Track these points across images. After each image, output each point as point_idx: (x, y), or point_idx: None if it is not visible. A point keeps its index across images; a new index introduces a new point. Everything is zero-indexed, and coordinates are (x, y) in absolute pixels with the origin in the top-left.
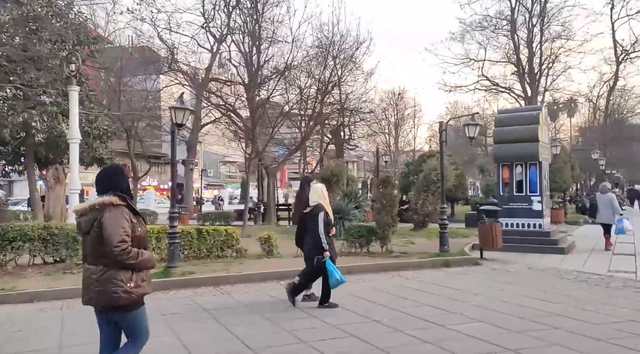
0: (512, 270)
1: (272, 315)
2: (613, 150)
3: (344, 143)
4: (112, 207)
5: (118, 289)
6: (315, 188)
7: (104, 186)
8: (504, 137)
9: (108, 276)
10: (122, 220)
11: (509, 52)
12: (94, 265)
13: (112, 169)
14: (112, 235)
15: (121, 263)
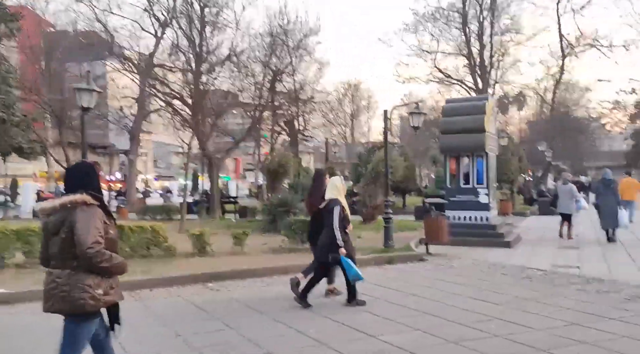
0: (457, 265)
1: (185, 328)
2: (559, 142)
3: (298, 134)
4: (85, 206)
5: (85, 295)
6: (333, 182)
7: (75, 184)
8: (450, 127)
9: (75, 280)
10: (96, 221)
11: (460, 44)
12: (59, 269)
13: (83, 166)
14: (86, 235)
15: (94, 266)
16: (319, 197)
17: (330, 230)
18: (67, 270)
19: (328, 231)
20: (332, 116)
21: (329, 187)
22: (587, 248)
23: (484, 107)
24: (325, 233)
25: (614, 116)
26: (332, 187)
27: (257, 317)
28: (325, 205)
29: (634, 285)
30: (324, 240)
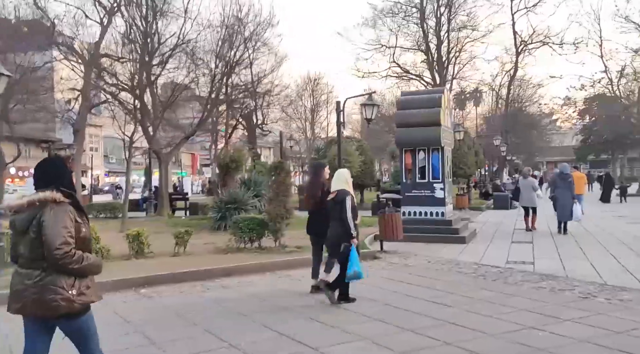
0: (412, 264)
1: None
2: (513, 137)
3: (256, 128)
4: (55, 204)
5: (57, 297)
6: (340, 174)
7: (44, 180)
8: (406, 120)
9: (47, 282)
10: (66, 220)
11: (419, 40)
12: (29, 269)
13: (53, 161)
14: (53, 236)
15: (62, 268)
16: (319, 189)
17: (343, 220)
18: (37, 270)
19: (341, 222)
20: (291, 110)
21: (336, 179)
22: (540, 242)
23: (440, 100)
24: (335, 225)
25: (564, 112)
26: (340, 178)
27: (186, 329)
28: (335, 196)
29: (588, 281)
30: (335, 231)
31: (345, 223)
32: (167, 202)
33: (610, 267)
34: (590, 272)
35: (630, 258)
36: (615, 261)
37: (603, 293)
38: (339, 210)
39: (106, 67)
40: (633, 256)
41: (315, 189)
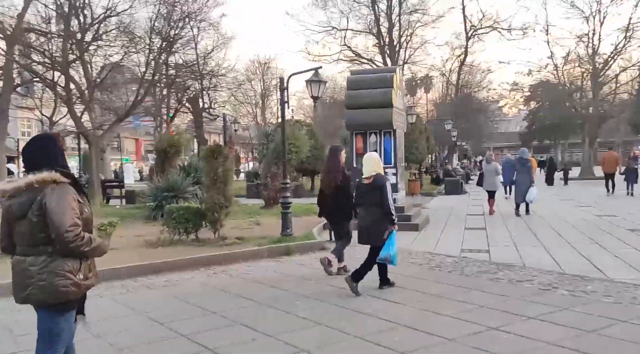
0: (362, 255)
1: None
2: (462, 122)
3: (203, 112)
4: (55, 185)
5: (67, 282)
6: (372, 158)
7: (37, 161)
8: (356, 101)
9: (54, 267)
10: (70, 200)
11: (370, 23)
12: (31, 255)
13: (45, 139)
14: (61, 218)
15: (72, 251)
16: (340, 173)
17: (385, 205)
18: (42, 256)
19: (381, 207)
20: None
21: (369, 162)
22: (494, 228)
23: (392, 80)
24: (372, 210)
25: (512, 97)
26: (372, 162)
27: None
28: (371, 180)
29: (546, 270)
30: (373, 216)
31: (388, 208)
32: (100, 190)
33: (566, 254)
34: (547, 260)
35: (584, 244)
36: (570, 247)
37: (564, 284)
38: (377, 195)
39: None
40: (587, 241)
41: (335, 173)
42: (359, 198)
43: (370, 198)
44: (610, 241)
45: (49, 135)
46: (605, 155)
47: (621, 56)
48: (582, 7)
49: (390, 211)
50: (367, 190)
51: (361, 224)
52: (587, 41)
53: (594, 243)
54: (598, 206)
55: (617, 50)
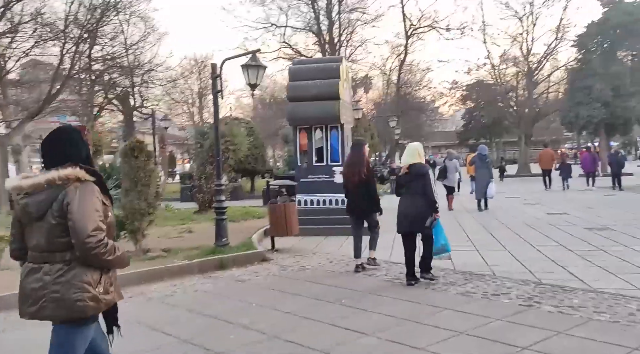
0: (310, 265)
1: None
2: (403, 121)
3: (134, 111)
4: (79, 184)
5: (84, 295)
6: (413, 147)
7: (58, 155)
8: (299, 93)
9: (71, 277)
10: (95, 201)
11: (310, 20)
12: (46, 262)
13: (68, 131)
14: (84, 221)
15: (93, 259)
16: (365, 166)
17: (427, 193)
18: (59, 264)
19: (425, 196)
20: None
21: (409, 153)
22: (449, 228)
23: (338, 70)
24: (415, 199)
25: (452, 95)
26: (413, 152)
27: None
28: (415, 170)
29: (520, 279)
30: (416, 205)
31: (431, 197)
32: (6, 197)
33: (532, 257)
34: (516, 265)
35: (549, 246)
36: (535, 250)
37: (545, 297)
38: (420, 184)
39: None
40: (550, 243)
41: (360, 166)
42: (400, 188)
43: (413, 187)
44: (574, 242)
45: (73, 127)
46: (541, 152)
47: (553, 56)
48: (516, 8)
49: (434, 199)
50: (408, 180)
51: (405, 213)
52: (522, 41)
53: (558, 245)
54: (544, 203)
55: (549, 50)
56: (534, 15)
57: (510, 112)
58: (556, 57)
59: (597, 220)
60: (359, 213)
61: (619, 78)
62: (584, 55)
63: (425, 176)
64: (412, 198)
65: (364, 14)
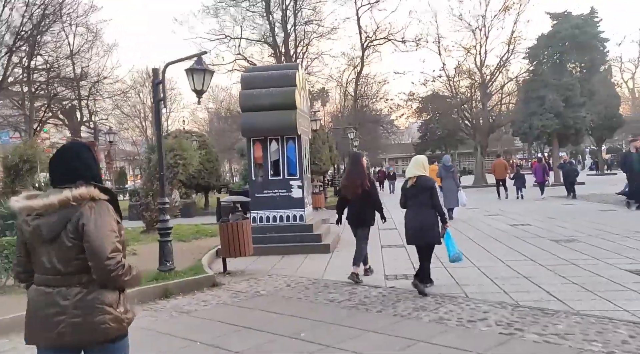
0: (265, 290)
1: None
2: (360, 133)
3: (81, 126)
4: (93, 203)
5: (106, 317)
6: (419, 160)
7: (71, 173)
8: (253, 102)
9: (91, 300)
10: (111, 221)
11: (266, 32)
12: (61, 286)
13: (79, 147)
14: (102, 242)
15: (112, 282)
16: (366, 178)
17: (435, 206)
18: (76, 287)
19: (433, 208)
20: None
21: (415, 164)
22: None
23: (294, 78)
24: (423, 211)
25: (410, 106)
26: (419, 165)
27: None
28: (421, 183)
29: (494, 302)
30: (424, 217)
31: (439, 209)
32: None
33: (503, 274)
34: (487, 284)
35: (519, 261)
36: (505, 265)
37: (527, 322)
38: (427, 196)
39: None
40: (519, 257)
41: (361, 178)
42: (406, 201)
43: (420, 199)
44: (543, 256)
45: (83, 143)
46: (495, 162)
47: (506, 68)
48: (469, 21)
49: (443, 211)
50: (415, 193)
51: (413, 225)
52: (475, 53)
53: (527, 259)
54: (505, 214)
55: (502, 62)
56: (487, 27)
57: (466, 124)
58: (509, 69)
59: (561, 231)
60: (359, 223)
61: (569, 89)
62: (535, 67)
63: (432, 189)
64: (419, 211)
65: (320, 26)
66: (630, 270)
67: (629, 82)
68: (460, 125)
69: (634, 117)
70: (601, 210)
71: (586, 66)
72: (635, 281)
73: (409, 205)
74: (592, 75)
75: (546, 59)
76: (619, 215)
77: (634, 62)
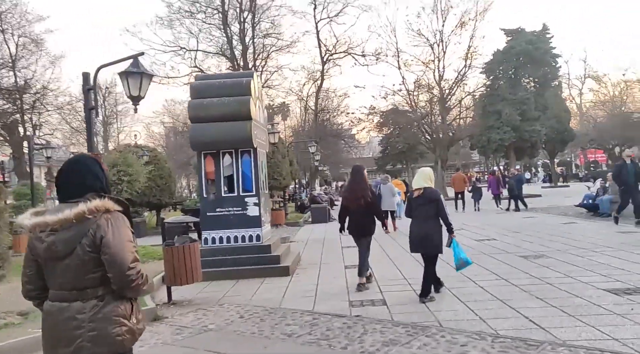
0: (214, 324)
1: None
2: (322, 147)
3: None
4: (109, 215)
5: (122, 328)
6: (426, 172)
7: (80, 186)
8: (203, 112)
9: (107, 312)
10: (128, 232)
11: (223, 45)
12: (77, 300)
13: (86, 161)
14: (122, 254)
15: (131, 292)
16: (369, 190)
17: (442, 216)
18: (92, 300)
19: (439, 219)
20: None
21: (421, 177)
22: (377, 262)
23: (249, 86)
24: (429, 222)
25: (371, 121)
26: (426, 177)
27: None
28: (427, 195)
29: (472, 332)
30: (431, 228)
31: (446, 219)
32: None
33: (477, 297)
34: (462, 310)
35: (490, 281)
36: (474, 284)
37: None
38: (432, 208)
39: None
40: (490, 277)
41: (363, 190)
42: (411, 211)
43: (426, 211)
44: (515, 275)
45: (90, 156)
46: (454, 176)
47: (464, 82)
48: (427, 35)
49: (449, 221)
50: (420, 203)
51: (418, 235)
52: (434, 68)
53: (499, 278)
54: (468, 228)
55: (460, 77)
56: (444, 43)
57: (426, 137)
58: (467, 83)
59: (528, 246)
60: (360, 233)
61: (525, 103)
62: (492, 81)
63: (438, 201)
64: (424, 221)
65: (279, 39)
66: (607, 290)
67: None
68: (421, 139)
69: (582, 131)
70: (563, 223)
71: (540, 81)
72: (616, 303)
73: (414, 215)
74: (545, 89)
75: (502, 74)
76: (581, 227)
77: (581, 79)
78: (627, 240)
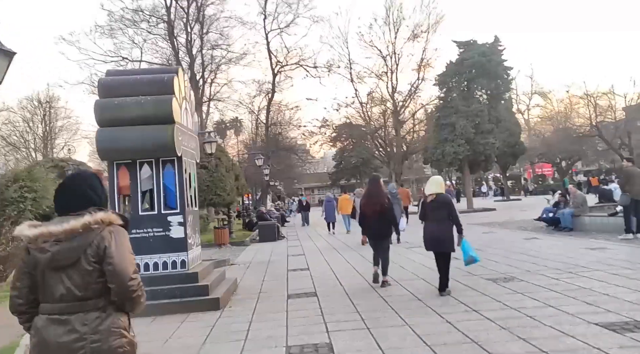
0: None
1: None
2: (274, 162)
3: None
4: (112, 228)
5: (123, 341)
6: (438, 180)
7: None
8: (114, 113)
9: (109, 324)
10: (129, 245)
11: (170, 56)
12: (78, 313)
13: (85, 177)
14: (125, 264)
15: (131, 303)
16: (385, 197)
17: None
18: (94, 312)
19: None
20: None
21: (434, 184)
22: (327, 292)
23: (172, 84)
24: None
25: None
26: (438, 183)
27: None
28: (440, 199)
29: None
30: (444, 229)
31: (457, 221)
32: None
33: (446, 338)
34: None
35: (455, 311)
36: (441, 319)
37: None
38: (445, 211)
39: None
40: (454, 304)
41: (381, 197)
42: (425, 214)
43: (439, 213)
44: (485, 304)
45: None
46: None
47: (418, 94)
48: (380, 47)
49: (460, 223)
50: (434, 207)
51: (432, 235)
52: (387, 80)
53: (468, 310)
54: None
55: (413, 89)
56: (397, 55)
57: (380, 151)
58: (420, 96)
59: (493, 266)
60: (377, 237)
61: (478, 116)
62: (445, 94)
63: (451, 204)
64: (437, 224)
65: (229, 51)
66: (602, 325)
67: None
68: (375, 152)
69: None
70: (525, 238)
71: (492, 93)
72: (621, 345)
73: (428, 218)
74: (497, 102)
75: (455, 86)
76: (546, 244)
77: (528, 95)
78: (600, 257)
